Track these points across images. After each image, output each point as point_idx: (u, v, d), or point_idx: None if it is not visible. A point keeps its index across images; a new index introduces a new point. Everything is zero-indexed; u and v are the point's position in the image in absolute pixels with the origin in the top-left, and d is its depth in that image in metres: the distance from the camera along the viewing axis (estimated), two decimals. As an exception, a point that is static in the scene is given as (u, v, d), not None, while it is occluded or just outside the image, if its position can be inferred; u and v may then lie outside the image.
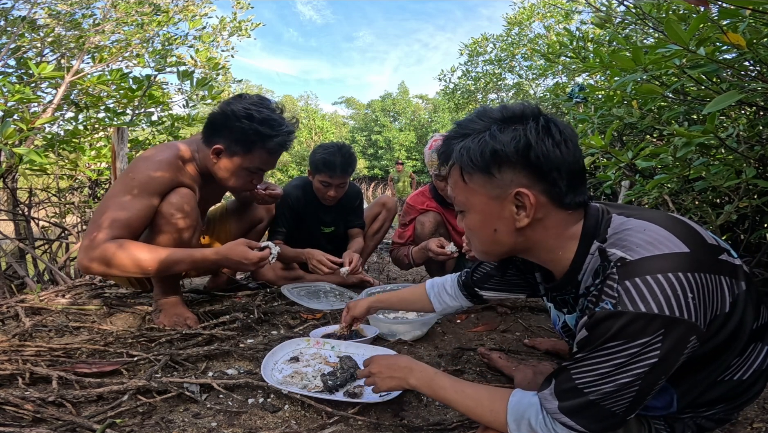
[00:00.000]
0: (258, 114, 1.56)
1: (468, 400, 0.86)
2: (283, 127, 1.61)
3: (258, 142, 1.58)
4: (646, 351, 0.66)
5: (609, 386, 0.68)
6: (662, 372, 0.68)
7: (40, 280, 2.60)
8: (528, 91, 8.08)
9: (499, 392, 0.84)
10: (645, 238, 0.71)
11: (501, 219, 0.81)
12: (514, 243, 0.83)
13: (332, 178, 2.18)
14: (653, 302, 0.65)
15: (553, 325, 1.05)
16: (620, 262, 0.70)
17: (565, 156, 0.76)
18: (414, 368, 0.97)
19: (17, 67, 2.88)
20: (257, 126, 1.55)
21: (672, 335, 0.65)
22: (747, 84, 1.20)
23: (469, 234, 0.89)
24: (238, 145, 1.59)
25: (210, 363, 1.40)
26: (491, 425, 0.83)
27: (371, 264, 3.38)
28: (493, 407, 0.82)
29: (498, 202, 0.80)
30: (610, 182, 1.97)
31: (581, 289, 0.82)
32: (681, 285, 0.66)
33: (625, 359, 0.67)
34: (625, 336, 0.66)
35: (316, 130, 25.88)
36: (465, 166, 0.80)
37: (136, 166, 1.55)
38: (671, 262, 0.67)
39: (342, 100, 36.19)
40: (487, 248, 0.87)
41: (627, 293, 0.67)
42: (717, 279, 0.70)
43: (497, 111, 0.81)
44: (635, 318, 0.65)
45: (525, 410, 0.78)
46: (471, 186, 0.82)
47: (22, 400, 1.07)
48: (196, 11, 3.69)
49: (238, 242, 1.55)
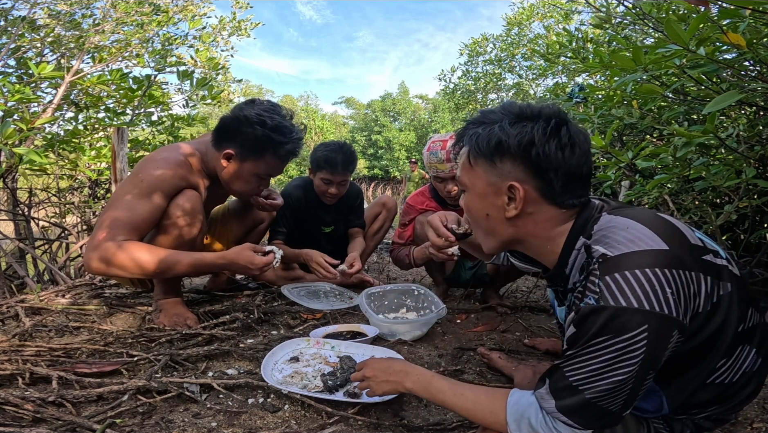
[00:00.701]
0: (270, 120, 1.58)
1: (467, 402, 0.86)
2: (293, 135, 1.63)
3: (269, 148, 1.60)
4: (633, 346, 0.67)
5: (604, 383, 0.70)
6: (650, 367, 0.69)
7: (40, 280, 2.60)
8: (528, 92, 8.08)
9: (498, 393, 0.84)
10: (626, 235, 0.73)
11: (494, 206, 0.86)
12: (505, 233, 0.88)
13: (333, 175, 2.18)
14: (632, 297, 0.67)
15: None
16: (601, 258, 0.72)
17: (567, 159, 0.79)
18: (410, 371, 0.97)
19: (17, 67, 2.88)
20: (269, 132, 1.57)
21: (655, 328, 0.67)
22: (747, 84, 1.20)
23: (467, 215, 0.95)
24: (249, 151, 1.61)
25: (210, 363, 1.40)
26: (491, 426, 0.83)
27: (371, 264, 3.37)
28: (492, 408, 0.82)
29: (494, 189, 0.85)
30: (610, 182, 1.97)
31: (569, 284, 0.85)
32: (659, 280, 0.68)
33: (615, 354, 0.68)
34: (611, 331, 0.68)
35: (316, 130, 25.87)
36: (472, 149, 0.86)
37: (144, 167, 1.55)
38: (649, 258, 0.69)
39: (342, 100, 36.21)
40: (482, 231, 0.92)
41: (608, 288, 0.69)
42: (696, 277, 0.71)
43: (518, 107, 0.85)
44: (617, 313, 0.67)
45: (525, 410, 0.78)
46: (475, 169, 0.87)
47: (22, 400, 1.07)
48: (195, 11, 3.68)
49: (244, 247, 1.55)
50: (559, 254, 0.84)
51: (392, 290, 1.94)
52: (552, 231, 0.84)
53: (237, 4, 4.13)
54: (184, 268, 1.50)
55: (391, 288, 1.95)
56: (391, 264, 3.29)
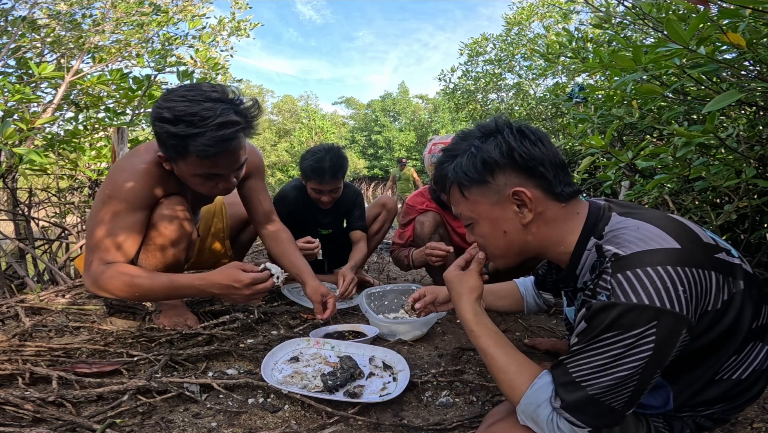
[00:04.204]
0: (169, 113, 1.24)
1: (500, 356, 0.85)
2: (209, 120, 1.23)
3: (181, 146, 1.27)
4: (641, 342, 0.68)
5: (607, 379, 0.70)
6: (657, 365, 0.70)
7: (40, 280, 2.60)
8: (528, 91, 8.07)
9: (528, 370, 0.83)
10: (637, 235, 0.74)
11: (507, 220, 0.86)
12: (524, 241, 0.88)
13: (322, 184, 2.13)
14: (644, 294, 0.67)
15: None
16: (614, 257, 0.73)
17: (544, 152, 0.84)
18: (468, 298, 0.95)
19: (17, 67, 2.87)
20: (170, 128, 1.24)
21: (664, 325, 0.67)
22: (747, 84, 1.20)
23: (483, 243, 0.94)
24: (169, 152, 1.32)
25: (210, 363, 1.40)
26: (505, 394, 0.84)
27: (371, 264, 3.37)
28: (515, 381, 0.82)
29: (499, 205, 0.86)
30: (610, 182, 1.96)
31: (579, 283, 0.86)
32: (671, 278, 0.68)
33: (621, 350, 0.69)
34: (619, 327, 0.68)
35: (316, 130, 25.87)
36: (462, 181, 0.87)
37: (112, 180, 1.37)
38: (661, 256, 0.70)
39: (342, 100, 36.20)
40: (502, 251, 0.91)
41: (620, 285, 0.69)
42: (708, 275, 0.72)
43: (475, 130, 0.90)
44: (628, 309, 0.68)
45: (541, 401, 0.78)
46: (471, 198, 0.88)
47: (22, 400, 1.07)
48: (195, 11, 3.68)
49: (229, 265, 1.34)
50: (571, 254, 0.86)
51: (392, 290, 1.94)
52: (562, 230, 0.86)
53: (236, 4, 4.13)
54: (160, 295, 1.38)
55: (391, 288, 1.95)
56: (391, 264, 3.29)
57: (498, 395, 1.23)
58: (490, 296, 1.30)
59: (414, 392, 1.24)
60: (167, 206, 1.43)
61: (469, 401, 1.20)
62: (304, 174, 2.17)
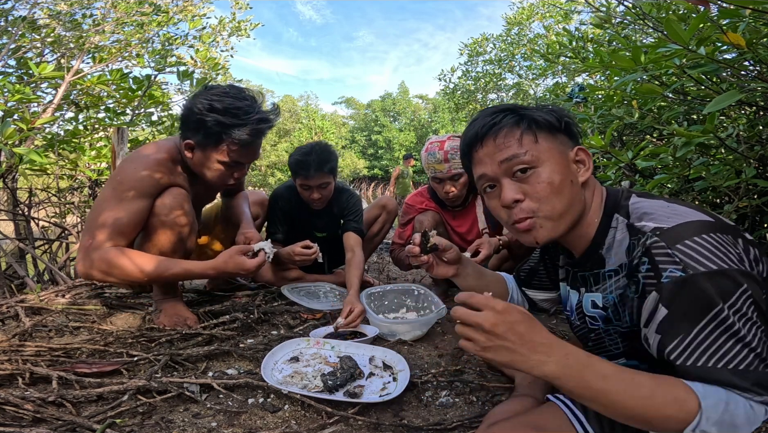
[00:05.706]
0: (220, 104, 1.48)
1: (642, 389, 0.65)
2: (250, 116, 1.51)
3: (223, 133, 1.50)
4: (744, 303, 0.66)
5: (755, 341, 0.65)
6: (764, 320, 0.68)
7: (40, 280, 2.60)
8: (528, 91, 8.08)
9: (669, 378, 0.68)
10: (671, 210, 0.74)
11: (573, 173, 0.86)
12: (581, 203, 0.86)
13: (308, 179, 2.08)
14: (717, 259, 0.67)
15: (562, 306, 1.06)
16: (657, 230, 0.72)
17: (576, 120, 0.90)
18: (556, 347, 0.66)
19: (17, 67, 2.88)
20: (219, 117, 1.47)
21: (749, 284, 0.67)
22: (747, 84, 1.20)
23: (545, 194, 0.81)
24: (206, 139, 1.52)
25: (210, 363, 1.40)
26: (673, 416, 0.64)
27: (371, 264, 3.37)
28: (676, 393, 0.65)
29: (565, 157, 0.86)
30: (610, 182, 1.96)
31: (609, 266, 0.84)
32: (722, 242, 0.69)
33: (738, 312, 0.65)
34: (720, 295, 0.65)
35: (316, 130, 25.87)
36: (538, 124, 0.86)
37: (123, 169, 1.51)
38: (701, 226, 0.70)
39: (342, 100, 36.17)
40: (564, 206, 0.82)
41: (687, 255, 0.67)
42: (749, 243, 0.73)
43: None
44: (713, 275, 0.66)
45: (727, 397, 0.66)
46: (543, 142, 0.85)
47: (22, 400, 1.07)
48: (195, 11, 3.68)
49: (232, 253, 1.52)
50: (594, 233, 0.85)
51: (392, 290, 1.94)
52: (595, 202, 0.87)
53: (236, 4, 4.13)
54: (173, 276, 1.49)
55: (391, 288, 1.95)
56: (391, 264, 3.29)
57: (498, 394, 1.23)
58: (480, 276, 1.20)
59: (414, 392, 1.24)
60: (171, 195, 1.54)
61: (469, 401, 1.20)
62: (292, 171, 2.14)
